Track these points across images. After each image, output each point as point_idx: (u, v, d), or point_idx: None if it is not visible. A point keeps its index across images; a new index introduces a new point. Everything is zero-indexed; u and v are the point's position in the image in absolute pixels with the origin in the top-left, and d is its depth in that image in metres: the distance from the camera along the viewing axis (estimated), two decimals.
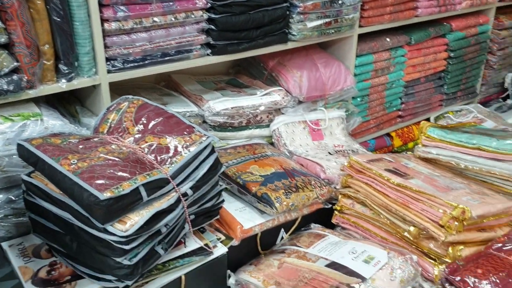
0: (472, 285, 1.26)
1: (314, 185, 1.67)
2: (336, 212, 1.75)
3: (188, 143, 1.34)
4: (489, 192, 1.62)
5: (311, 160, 1.87)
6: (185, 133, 1.37)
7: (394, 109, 2.52)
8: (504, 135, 1.79)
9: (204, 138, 1.36)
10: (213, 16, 1.71)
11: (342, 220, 1.73)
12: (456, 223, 1.39)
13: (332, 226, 1.77)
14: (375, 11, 2.15)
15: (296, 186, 1.62)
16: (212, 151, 1.38)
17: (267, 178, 1.63)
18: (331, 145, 2.03)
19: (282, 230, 1.67)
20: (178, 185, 1.30)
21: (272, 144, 2.01)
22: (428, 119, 2.76)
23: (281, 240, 1.67)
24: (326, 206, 1.72)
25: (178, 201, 1.29)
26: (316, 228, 1.68)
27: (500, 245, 1.41)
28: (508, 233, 1.47)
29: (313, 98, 2.09)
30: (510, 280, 1.24)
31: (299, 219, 1.67)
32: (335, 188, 1.79)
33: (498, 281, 1.24)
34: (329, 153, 1.93)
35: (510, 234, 1.46)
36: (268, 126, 2.01)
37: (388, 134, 2.58)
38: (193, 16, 1.67)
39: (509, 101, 3.09)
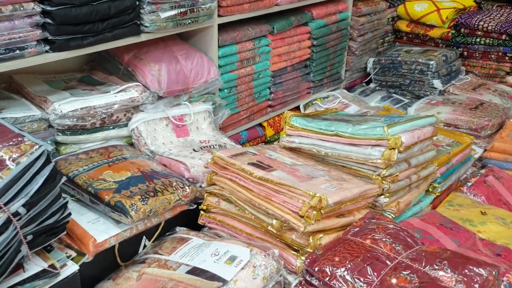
0: (330, 274, 1.26)
1: (176, 186, 1.58)
2: (202, 212, 1.68)
3: (16, 154, 1.17)
4: (348, 177, 1.65)
5: (174, 159, 1.77)
6: (12, 143, 1.19)
7: (264, 99, 2.51)
8: (359, 120, 1.84)
9: (36, 147, 1.19)
10: (48, 8, 1.53)
11: (209, 220, 1.66)
12: (314, 212, 1.39)
13: (201, 227, 1.70)
14: (234, 0, 2.10)
15: (154, 190, 1.52)
16: (48, 161, 1.22)
17: (122, 184, 1.51)
18: (197, 141, 1.95)
19: (144, 237, 1.56)
20: (6, 203, 1.13)
21: (132, 145, 1.88)
22: (298, 107, 2.81)
23: (143, 249, 1.56)
24: (191, 207, 1.64)
25: (7, 222, 1.13)
26: (180, 231, 1.60)
27: (357, 229, 1.44)
28: (364, 216, 1.51)
29: (175, 93, 1.99)
30: (365, 265, 1.26)
31: (162, 224, 1.57)
32: (200, 187, 1.71)
33: (354, 266, 1.26)
34: (194, 150, 1.85)
35: (366, 217, 1.50)
36: (126, 125, 1.87)
37: (260, 125, 2.57)
38: (22, 9, 1.47)
39: (371, 85, 3.26)
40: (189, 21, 1.93)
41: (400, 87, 3.13)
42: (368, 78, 3.28)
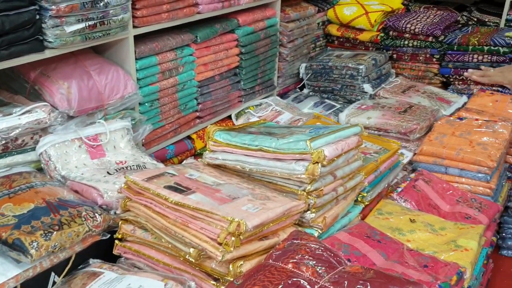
0: None
1: (85, 216, 1.45)
2: (117, 241, 1.56)
3: None
4: (272, 195, 1.59)
5: (86, 184, 1.64)
6: None
7: (191, 110, 2.41)
8: (284, 133, 1.78)
9: None
10: None
11: (124, 249, 1.55)
12: (233, 238, 1.31)
13: (118, 257, 1.58)
14: (150, 10, 1.98)
15: (60, 223, 1.39)
16: None
17: (23, 219, 1.36)
18: (113, 162, 1.82)
19: (53, 273, 1.42)
20: None
21: (41, 170, 1.73)
22: (230, 117, 2.72)
23: (52, 286, 1.42)
24: (104, 237, 1.52)
25: None
26: (93, 264, 1.47)
27: (279, 252, 1.36)
28: (288, 237, 1.45)
29: (88, 111, 1.85)
30: None
31: (72, 258, 1.44)
32: (115, 214, 1.59)
33: None
34: (109, 173, 1.72)
35: (289, 238, 1.43)
36: (34, 149, 1.72)
37: (189, 137, 2.47)
38: None
39: (305, 90, 3.23)
40: (100, 34, 1.80)
41: (333, 92, 3.12)
42: (301, 84, 3.24)
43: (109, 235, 1.52)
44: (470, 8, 3.59)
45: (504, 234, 2.58)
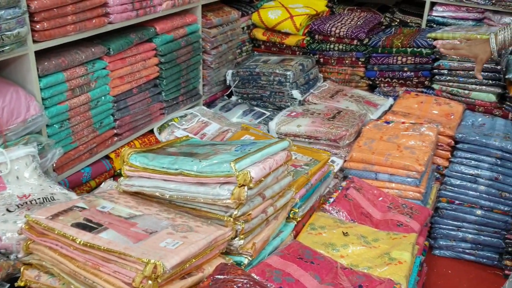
0: None
1: None
2: None
3: None
4: (196, 224, 1.45)
5: None
6: None
7: (107, 128, 2.22)
8: (208, 153, 1.65)
9: None
10: None
11: None
12: (150, 282, 1.17)
13: None
14: (52, 23, 1.78)
15: None
16: None
17: None
18: (15, 196, 1.61)
19: None
20: None
21: None
22: (152, 131, 2.56)
23: None
24: (3, 287, 1.32)
25: None
26: None
27: None
28: (213, 272, 1.32)
29: None
30: None
31: None
32: (16, 258, 1.40)
33: None
34: (8, 210, 1.52)
35: (215, 273, 1.30)
36: None
37: (107, 157, 2.28)
38: None
39: (233, 98, 3.12)
40: None
41: (262, 98, 3.03)
42: (229, 91, 3.12)
43: (8, 285, 1.33)
44: (392, 9, 3.63)
45: (435, 235, 2.61)
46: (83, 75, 2.00)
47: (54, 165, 1.95)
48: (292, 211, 1.85)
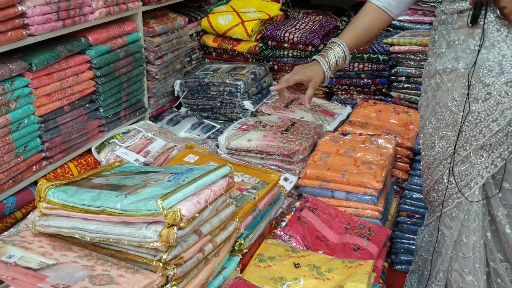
0: None
1: None
2: None
3: None
4: (118, 274, 1.26)
5: None
6: None
7: (34, 151, 1.98)
8: (137, 186, 1.46)
9: None
10: None
11: None
12: None
13: None
14: None
15: None
16: None
17: None
18: None
19: None
20: None
21: None
22: (90, 150, 2.33)
23: None
24: None
25: None
26: None
27: None
28: None
29: None
30: None
31: None
32: None
33: None
34: None
35: None
36: None
37: (36, 183, 2.04)
38: None
39: (182, 109, 2.92)
40: None
41: (212, 110, 2.84)
42: (178, 102, 2.92)
43: None
44: (349, 13, 3.50)
45: (396, 250, 2.50)
46: (0, 95, 1.77)
47: None
48: (237, 243, 1.68)
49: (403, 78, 2.81)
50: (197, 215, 1.36)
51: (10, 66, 1.80)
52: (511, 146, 1.53)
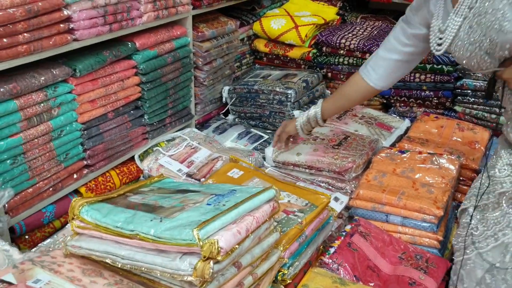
0: None
1: None
2: None
3: None
4: None
5: None
6: None
7: (75, 159, 1.93)
8: (175, 207, 1.35)
9: None
10: None
11: None
12: None
13: None
14: None
15: None
16: None
17: None
18: None
19: None
20: None
21: None
22: (133, 158, 2.27)
23: None
24: None
25: None
26: None
27: None
28: None
29: None
30: None
31: None
32: None
33: None
34: None
35: None
36: None
37: (76, 191, 2.00)
38: None
39: (230, 117, 2.81)
40: None
41: (261, 118, 2.71)
42: (226, 109, 2.82)
43: None
44: None
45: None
46: (42, 102, 1.72)
47: (6, 207, 1.68)
48: (280, 273, 1.54)
49: (469, 92, 2.57)
50: (236, 246, 1.24)
51: (54, 72, 1.75)
52: None
